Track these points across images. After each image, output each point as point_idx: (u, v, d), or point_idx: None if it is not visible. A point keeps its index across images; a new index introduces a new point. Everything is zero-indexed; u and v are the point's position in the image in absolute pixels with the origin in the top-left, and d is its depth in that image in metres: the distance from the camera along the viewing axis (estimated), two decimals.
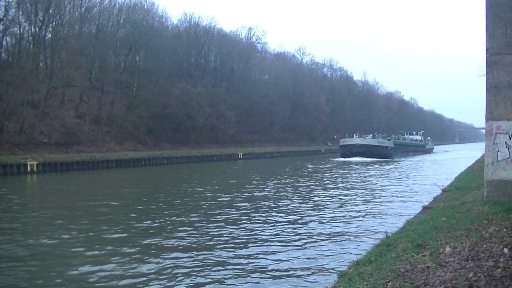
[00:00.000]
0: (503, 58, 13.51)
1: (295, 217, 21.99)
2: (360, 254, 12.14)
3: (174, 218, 21.88)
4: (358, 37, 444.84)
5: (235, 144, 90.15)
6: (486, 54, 13.78)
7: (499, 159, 13.66)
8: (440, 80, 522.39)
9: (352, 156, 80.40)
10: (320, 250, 15.55)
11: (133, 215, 22.60)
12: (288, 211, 23.63)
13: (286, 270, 13.38)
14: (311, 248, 15.85)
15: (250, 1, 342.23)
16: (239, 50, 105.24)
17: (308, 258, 14.52)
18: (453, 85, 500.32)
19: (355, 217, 21.94)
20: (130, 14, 76.29)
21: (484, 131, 14.55)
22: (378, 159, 78.06)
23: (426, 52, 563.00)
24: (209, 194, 31.04)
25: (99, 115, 66.80)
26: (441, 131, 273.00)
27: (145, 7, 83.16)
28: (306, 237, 17.58)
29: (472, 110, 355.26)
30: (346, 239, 17.08)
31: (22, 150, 50.10)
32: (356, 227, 19.46)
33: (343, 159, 79.37)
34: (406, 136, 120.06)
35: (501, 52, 13.53)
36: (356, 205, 25.95)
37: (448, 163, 69.92)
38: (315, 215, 22.37)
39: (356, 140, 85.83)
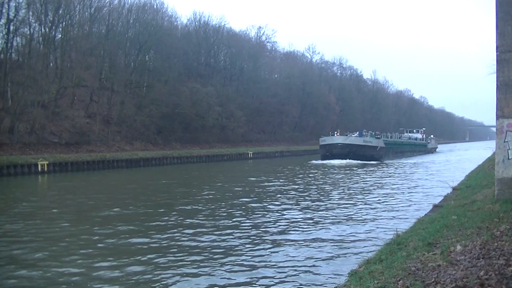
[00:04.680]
0: None
1: (305, 215, 21.97)
2: (371, 252, 12.12)
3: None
4: (368, 36, 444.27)
5: (245, 143, 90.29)
6: (496, 52, 13.71)
7: (509, 157, 13.58)
8: (450, 78, 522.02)
9: (332, 158, 69.02)
10: (330, 248, 15.52)
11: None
12: (297, 210, 23.62)
13: (296, 268, 13.38)
14: (321, 246, 15.83)
15: (260, 0, 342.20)
16: (248, 50, 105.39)
17: (318, 256, 14.51)
18: (463, 83, 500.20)
19: (365, 216, 21.86)
20: (139, 14, 76.60)
21: (494, 129, 14.47)
22: (363, 161, 67.05)
23: (436, 50, 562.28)
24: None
25: (109, 115, 67.05)
26: (452, 129, 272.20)
27: (155, 6, 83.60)
28: (316, 235, 17.57)
29: (483, 108, 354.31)
30: (356, 238, 17.02)
31: (32, 150, 50.42)
32: (367, 226, 19.40)
33: (320, 162, 67.70)
34: (404, 134, 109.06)
35: (511, 49, 13.46)
36: (365, 204, 25.90)
37: (440, 167, 58.88)
38: (322, 215, 22.32)
39: (337, 139, 73.66)
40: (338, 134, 78.33)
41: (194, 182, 40.34)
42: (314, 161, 68.37)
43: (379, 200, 27.54)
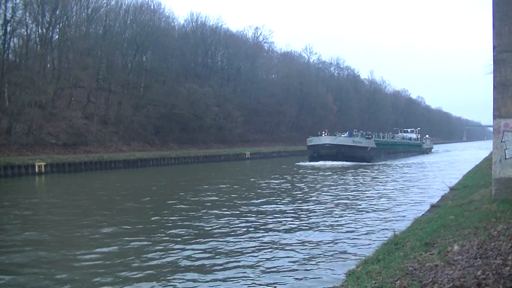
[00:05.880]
0: (510, 56, 13.45)
1: (301, 215, 21.96)
2: (368, 252, 12.12)
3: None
4: (365, 36, 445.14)
5: (242, 143, 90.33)
6: (493, 52, 13.73)
7: (507, 157, 13.59)
8: (447, 77, 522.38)
9: (320, 160, 65.39)
10: (328, 248, 15.52)
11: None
12: (295, 210, 23.61)
13: (293, 268, 13.39)
14: (319, 246, 15.83)
15: (257, 0, 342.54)
16: (246, 50, 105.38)
17: (316, 256, 14.50)
18: (460, 83, 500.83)
19: (363, 215, 21.86)
20: (137, 14, 76.60)
21: (491, 129, 14.48)
22: (353, 162, 63.62)
23: (433, 51, 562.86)
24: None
25: (107, 115, 66.99)
26: (449, 129, 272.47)
27: (152, 7, 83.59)
28: (313, 235, 17.57)
29: (480, 108, 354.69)
30: (353, 238, 17.04)
31: (30, 151, 50.34)
32: (364, 225, 19.40)
33: (307, 164, 63.91)
34: (398, 134, 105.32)
35: (508, 49, 13.47)
36: (364, 204, 25.90)
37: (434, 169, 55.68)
38: (320, 215, 22.31)
39: (325, 139, 69.65)
40: (326, 134, 74.34)
41: (196, 183, 40.39)
42: (301, 163, 65.26)
43: (376, 199, 27.55)
